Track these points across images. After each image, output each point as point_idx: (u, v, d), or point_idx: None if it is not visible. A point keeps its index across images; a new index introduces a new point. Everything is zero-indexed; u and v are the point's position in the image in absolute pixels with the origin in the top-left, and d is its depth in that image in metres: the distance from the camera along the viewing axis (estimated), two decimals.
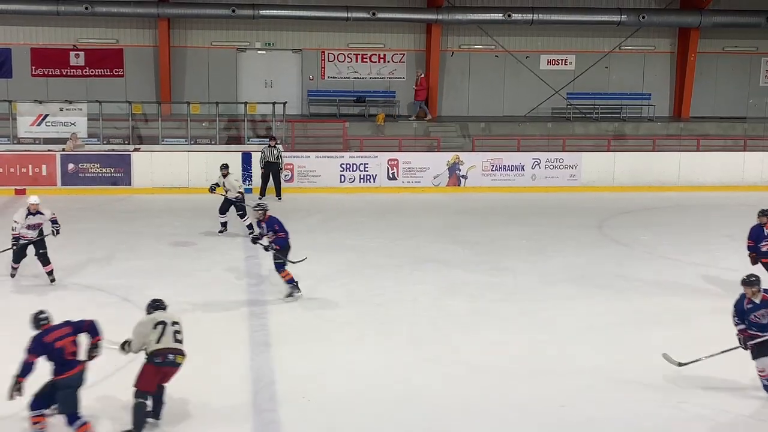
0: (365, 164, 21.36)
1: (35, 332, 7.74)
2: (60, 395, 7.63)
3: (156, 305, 8.46)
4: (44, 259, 12.65)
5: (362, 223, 17.77)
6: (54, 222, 12.71)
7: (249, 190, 20.01)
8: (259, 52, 26.64)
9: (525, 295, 12.77)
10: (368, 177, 21.38)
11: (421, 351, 10.34)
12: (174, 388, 8.91)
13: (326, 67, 26.82)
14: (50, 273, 12.70)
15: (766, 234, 12.21)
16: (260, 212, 12.25)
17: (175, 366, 8.09)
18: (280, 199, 19.85)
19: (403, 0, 26.28)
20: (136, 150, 21.50)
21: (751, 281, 9.04)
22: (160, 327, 8.09)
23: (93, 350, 8.02)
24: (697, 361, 9.29)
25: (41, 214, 12.59)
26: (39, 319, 7.82)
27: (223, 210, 16.22)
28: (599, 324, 11.42)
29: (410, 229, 17.23)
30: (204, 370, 9.37)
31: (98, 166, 20.55)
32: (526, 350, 10.40)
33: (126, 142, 22.59)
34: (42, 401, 7.68)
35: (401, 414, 8.60)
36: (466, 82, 27.32)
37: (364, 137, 23.51)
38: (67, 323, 7.92)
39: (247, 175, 20.60)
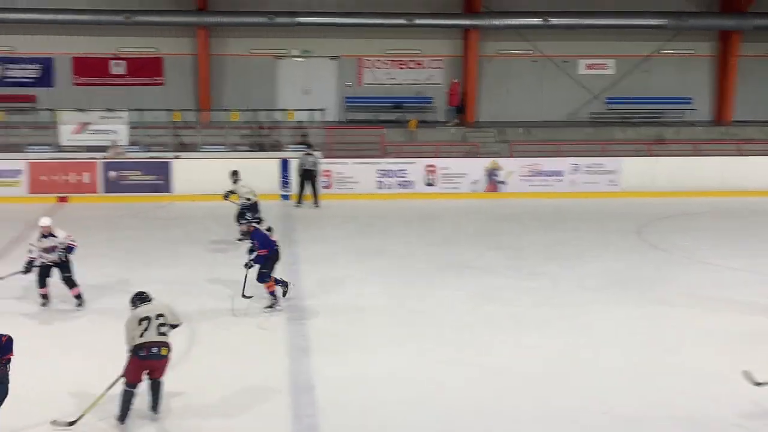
0: (403, 170, 21.36)
1: None
2: None
3: (141, 298, 8.71)
4: (69, 283, 11.96)
5: (400, 229, 17.75)
6: (67, 248, 11.86)
7: (287, 197, 20.15)
8: (297, 59, 26.79)
9: (562, 300, 12.64)
10: (406, 183, 21.38)
11: (460, 356, 10.28)
12: (213, 392, 9.00)
13: (363, 74, 26.89)
14: (77, 297, 12.02)
15: None
16: (244, 227, 12.51)
17: (160, 358, 8.33)
18: (317, 206, 19.91)
19: (440, 6, 26.27)
20: (176, 157, 21.70)
21: None
22: (144, 323, 8.34)
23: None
24: None
25: (53, 236, 11.75)
26: None
27: (240, 217, 16.03)
28: (636, 328, 11.30)
29: (448, 235, 17.18)
30: (243, 376, 9.42)
31: (139, 173, 20.78)
32: (562, 354, 10.31)
33: (166, 149, 22.82)
34: None
35: (441, 418, 8.55)
36: (504, 88, 27.21)
37: (401, 143, 23.51)
38: None
39: (284, 182, 20.69)
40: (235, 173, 16.57)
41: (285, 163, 20.75)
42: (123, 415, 8.24)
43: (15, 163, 20.58)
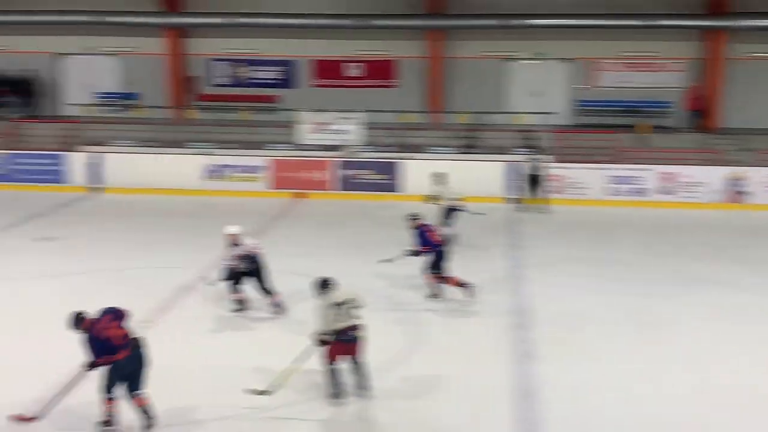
0: (636, 177, 20.49)
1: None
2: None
3: (328, 284, 8.91)
4: (264, 293, 11.85)
5: (631, 238, 17.01)
6: (254, 256, 11.70)
7: (513, 201, 19.83)
8: (527, 61, 26.47)
9: None
10: (639, 190, 20.48)
11: (693, 374, 9.70)
12: (434, 393, 8.99)
13: (597, 77, 26.10)
14: (276, 305, 11.84)
15: None
16: (410, 221, 12.69)
17: (357, 340, 8.71)
18: (544, 211, 19.49)
19: (681, 6, 24.95)
20: (406, 158, 22.05)
21: None
22: (337, 308, 8.65)
23: None
24: None
25: (241, 245, 11.64)
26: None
27: (446, 218, 15.88)
28: None
29: (684, 246, 16.27)
30: (464, 378, 9.35)
31: (370, 172, 21.32)
32: None
33: (397, 150, 23.26)
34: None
35: None
36: (752, 93, 25.40)
37: (635, 149, 22.56)
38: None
39: (512, 185, 20.43)
40: (441, 176, 16.45)
41: (513, 167, 20.47)
42: (337, 392, 8.66)
43: (257, 159, 21.76)
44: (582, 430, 8.27)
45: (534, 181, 19.78)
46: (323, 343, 8.68)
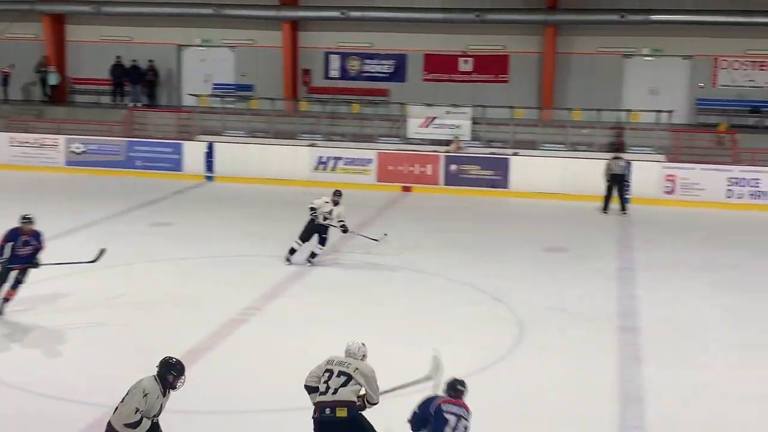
0: (757, 179, 19.63)
1: None
2: None
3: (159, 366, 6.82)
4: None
5: (748, 243, 16.32)
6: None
7: (626, 201, 19.24)
8: (646, 58, 25.74)
9: None
10: (759, 194, 19.62)
11: None
12: (541, 393, 8.85)
13: (718, 75, 25.15)
14: None
15: None
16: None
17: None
18: (625, 213, 18.77)
19: None
20: (515, 154, 21.81)
21: None
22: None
23: None
24: None
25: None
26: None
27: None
28: None
29: None
30: (570, 378, 9.18)
31: (478, 168, 21.15)
32: None
33: (506, 146, 23.04)
34: None
35: None
36: None
37: (757, 150, 21.64)
38: None
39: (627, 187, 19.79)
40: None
41: (629, 167, 19.84)
42: None
43: (367, 152, 21.91)
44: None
45: (615, 181, 18.97)
46: None
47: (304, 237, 13.78)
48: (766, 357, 10.18)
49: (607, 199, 18.96)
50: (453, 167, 21.27)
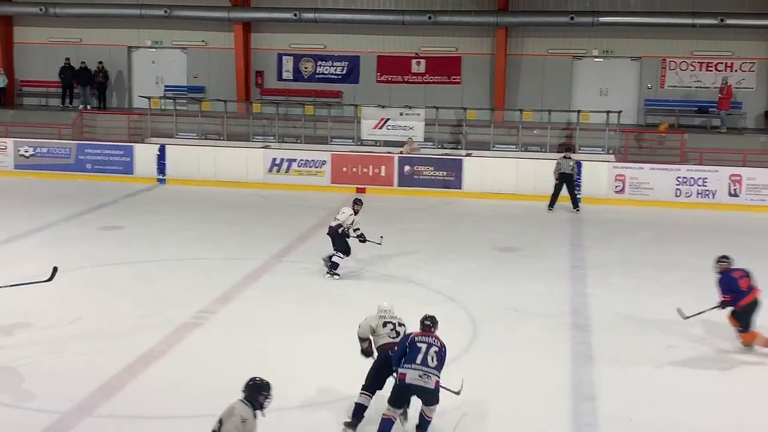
0: (704, 178, 20.02)
1: None
2: None
3: (244, 389, 7.01)
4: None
5: (697, 241, 16.62)
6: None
7: (577, 201, 19.55)
8: (595, 59, 26.11)
9: None
10: (707, 192, 20.02)
11: (756, 383, 9.43)
12: (494, 391, 8.93)
13: (666, 76, 25.61)
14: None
15: None
16: None
17: None
18: (577, 210, 19.14)
19: (756, 5, 24.33)
20: (468, 155, 21.97)
21: None
22: None
23: None
24: None
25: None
26: None
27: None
28: None
29: (751, 251, 15.69)
30: (523, 375, 9.29)
31: (432, 169, 21.26)
32: None
33: (459, 147, 23.21)
34: None
35: None
36: None
37: (704, 150, 22.09)
38: None
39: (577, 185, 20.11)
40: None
41: (578, 166, 20.16)
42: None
43: (321, 154, 21.89)
44: None
45: (564, 180, 19.36)
46: None
47: (341, 248, 13.32)
48: (718, 356, 10.35)
49: (554, 197, 19.34)
50: (407, 168, 21.35)
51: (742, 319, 10.39)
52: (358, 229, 13.46)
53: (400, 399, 7.90)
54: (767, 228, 18.06)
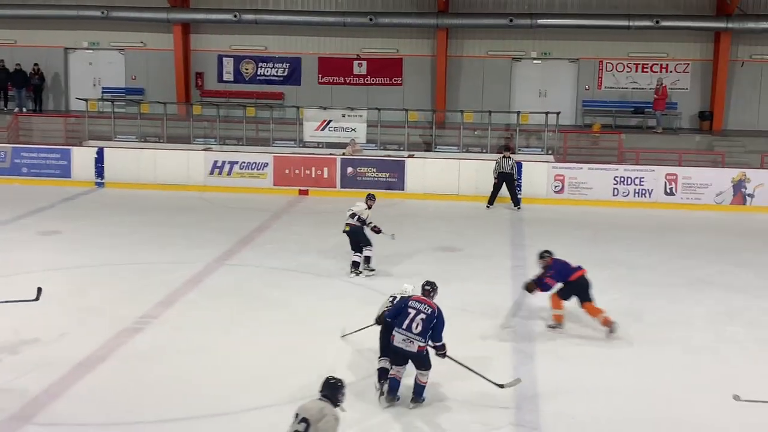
0: (641, 178, 20.43)
1: None
2: None
3: (323, 389, 6.78)
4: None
5: (635, 239, 16.98)
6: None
7: (517, 201, 19.82)
8: (534, 61, 26.47)
9: None
10: (644, 191, 20.43)
11: (696, 377, 9.67)
12: (436, 388, 8.99)
13: (603, 77, 26.09)
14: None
15: None
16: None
17: None
18: (518, 208, 19.53)
19: (690, 8, 24.95)
20: (410, 156, 22.08)
21: None
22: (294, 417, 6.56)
23: None
24: None
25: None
26: None
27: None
28: None
29: (687, 248, 16.23)
30: (467, 375, 9.34)
31: (374, 170, 21.31)
32: None
33: (401, 148, 23.32)
34: None
35: None
36: (757, 95, 25.42)
37: (640, 150, 22.55)
38: None
39: (518, 184, 20.39)
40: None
41: (519, 166, 20.43)
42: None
43: (263, 156, 21.78)
44: (578, 429, 8.27)
45: (504, 179, 19.76)
46: None
47: (356, 247, 13.66)
48: (659, 351, 10.55)
49: (493, 194, 19.78)
50: (349, 170, 21.37)
51: (572, 293, 11.12)
52: (372, 222, 13.87)
53: (395, 358, 8.67)
54: (703, 226, 18.47)
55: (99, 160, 21.70)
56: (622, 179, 20.51)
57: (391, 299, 9.22)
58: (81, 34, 27.61)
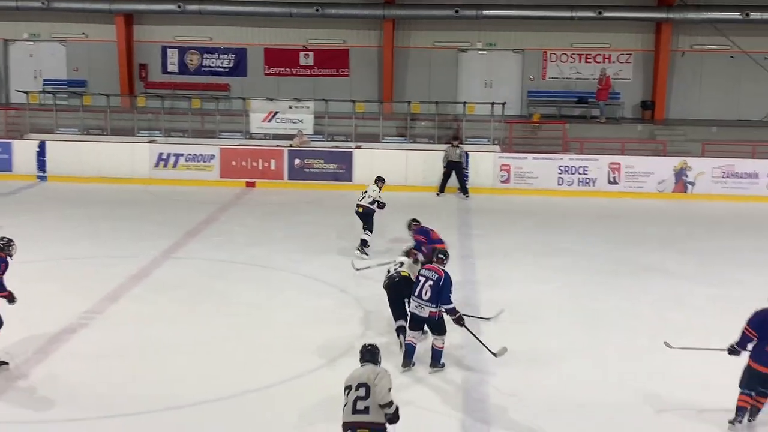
0: (585, 167, 20.73)
1: None
2: None
3: (362, 354, 7.15)
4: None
5: (579, 228, 17.24)
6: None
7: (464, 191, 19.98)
8: (480, 52, 26.64)
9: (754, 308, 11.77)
10: (588, 180, 20.74)
11: (640, 364, 9.86)
12: None
13: (548, 68, 26.38)
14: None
15: None
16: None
17: None
18: (467, 197, 19.85)
19: None
20: (357, 147, 22.08)
21: None
22: (346, 392, 6.80)
23: None
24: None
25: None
26: None
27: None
28: None
29: (631, 236, 16.52)
30: (414, 369, 9.44)
31: (322, 162, 21.28)
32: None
33: (348, 139, 23.30)
34: None
35: (608, 427, 8.28)
36: (697, 84, 25.94)
37: (584, 139, 22.87)
38: None
39: (466, 174, 20.54)
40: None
41: (466, 156, 20.59)
42: None
43: (209, 148, 21.58)
44: (532, 422, 8.38)
45: (452, 168, 20.15)
46: None
47: (370, 227, 14.62)
48: (604, 339, 10.71)
49: (443, 183, 20.16)
50: (297, 161, 21.30)
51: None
52: (378, 200, 14.81)
53: (412, 324, 9.42)
54: (645, 213, 18.81)
55: (41, 153, 21.29)
56: (567, 168, 20.79)
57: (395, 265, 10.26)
58: (21, 26, 27.04)
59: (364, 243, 14.38)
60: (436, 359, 9.34)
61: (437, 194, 20.10)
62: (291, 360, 9.58)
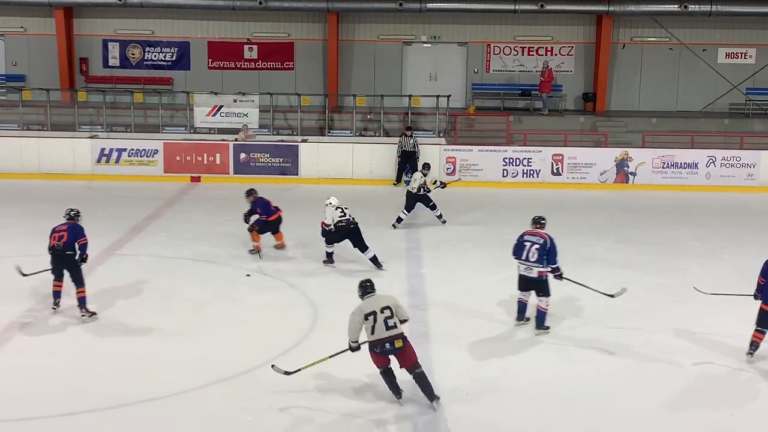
0: (529, 159, 20.99)
1: None
2: None
3: (366, 288, 8.61)
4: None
5: (524, 219, 17.32)
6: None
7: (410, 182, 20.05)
8: (424, 45, 26.74)
9: (695, 299, 12.07)
10: (532, 172, 21.00)
11: (583, 351, 10.03)
12: (331, 371, 9.04)
13: (491, 60, 26.60)
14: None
15: None
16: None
17: (395, 351, 8.29)
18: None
19: None
20: (303, 141, 22.04)
21: None
22: (371, 318, 8.28)
23: None
24: None
25: None
26: None
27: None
28: None
29: (574, 227, 16.74)
30: (363, 357, 9.44)
31: (268, 156, 21.19)
32: (695, 355, 9.87)
33: (294, 133, 23.24)
34: None
35: (554, 414, 8.42)
36: (638, 76, 26.41)
37: (528, 131, 23.13)
38: None
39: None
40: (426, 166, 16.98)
41: (417, 146, 20.76)
42: (395, 392, 8.47)
43: (152, 143, 21.34)
44: (478, 411, 8.48)
45: (407, 158, 20.52)
46: (354, 350, 8.54)
47: (410, 208, 16.22)
48: (550, 331, 10.80)
49: (399, 173, 20.60)
50: (242, 156, 21.18)
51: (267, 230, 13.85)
52: (435, 182, 16.54)
53: (522, 284, 10.57)
54: (587, 204, 19.12)
55: None
56: (511, 160, 21.02)
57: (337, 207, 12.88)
58: None
59: (398, 220, 16.14)
60: (541, 320, 10.37)
61: (394, 184, 20.30)
62: (239, 356, 9.54)
